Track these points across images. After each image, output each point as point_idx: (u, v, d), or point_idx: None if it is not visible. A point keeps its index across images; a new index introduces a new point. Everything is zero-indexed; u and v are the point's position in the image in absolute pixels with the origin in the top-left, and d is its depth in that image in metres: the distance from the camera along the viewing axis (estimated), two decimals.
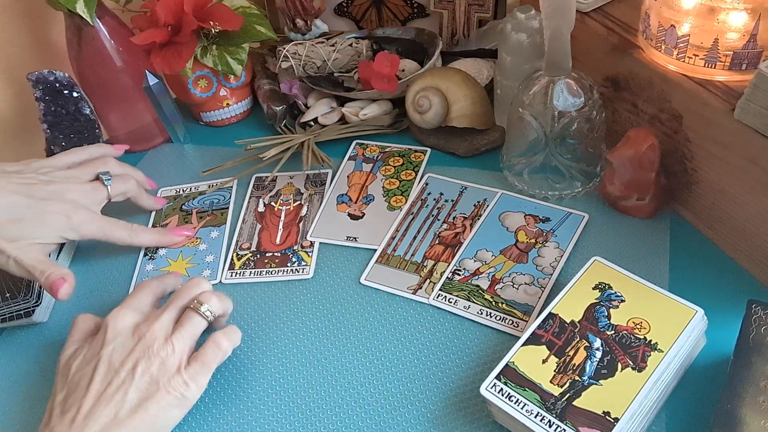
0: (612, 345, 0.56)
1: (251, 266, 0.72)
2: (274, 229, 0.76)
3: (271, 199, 0.79)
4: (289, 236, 0.75)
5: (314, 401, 0.61)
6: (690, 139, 0.67)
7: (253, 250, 0.74)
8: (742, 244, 0.66)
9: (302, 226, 0.76)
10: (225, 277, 0.72)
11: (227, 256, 0.74)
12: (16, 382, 0.66)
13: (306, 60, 0.91)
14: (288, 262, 0.72)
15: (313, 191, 0.79)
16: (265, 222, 0.76)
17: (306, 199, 0.79)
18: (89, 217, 0.70)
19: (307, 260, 0.72)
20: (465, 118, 0.82)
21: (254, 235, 0.75)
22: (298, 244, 0.74)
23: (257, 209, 0.78)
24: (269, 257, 0.73)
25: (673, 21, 0.64)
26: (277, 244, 0.74)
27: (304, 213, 0.77)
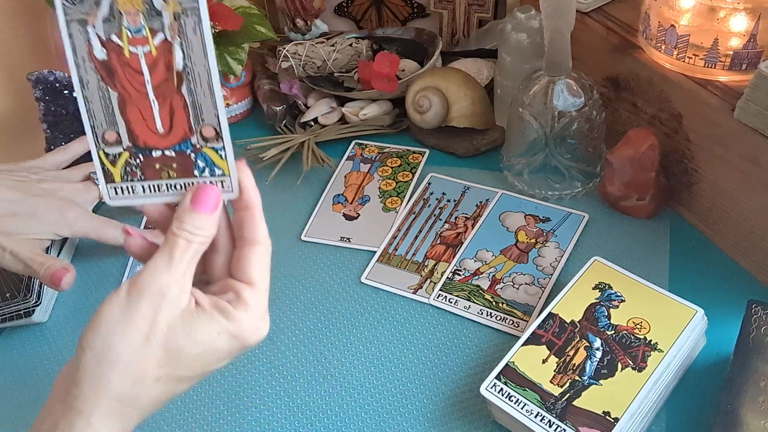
0: (612, 345, 0.56)
1: (139, 176, 0.45)
2: (142, 99, 0.43)
3: (108, 26, 0.42)
4: (176, 116, 0.44)
5: (314, 401, 0.61)
6: (690, 139, 0.67)
7: (127, 145, 0.44)
8: (742, 244, 0.66)
9: (187, 93, 0.43)
10: (109, 195, 0.46)
11: (95, 160, 0.45)
12: (16, 382, 0.66)
13: (306, 60, 0.91)
14: (193, 168, 0.45)
15: (178, 4, 0.42)
16: (119, 82, 0.43)
17: (172, 25, 0.42)
18: (82, 215, 0.70)
19: (222, 165, 0.45)
20: (465, 118, 0.82)
21: (113, 113, 0.44)
22: (195, 132, 0.44)
23: (92, 51, 0.42)
24: (159, 159, 0.45)
25: (673, 21, 0.64)
26: (161, 133, 0.44)
27: (179, 61, 0.42)
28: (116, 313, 0.42)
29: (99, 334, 0.42)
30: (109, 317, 0.42)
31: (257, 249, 0.45)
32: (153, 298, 0.42)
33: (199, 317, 0.43)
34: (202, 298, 0.44)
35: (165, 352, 0.42)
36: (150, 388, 0.42)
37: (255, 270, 0.45)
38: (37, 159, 0.74)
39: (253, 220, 0.45)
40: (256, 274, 0.45)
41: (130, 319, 0.41)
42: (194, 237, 0.43)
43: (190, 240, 0.43)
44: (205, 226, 0.44)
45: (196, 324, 0.43)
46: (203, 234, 0.43)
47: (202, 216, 0.43)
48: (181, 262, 0.43)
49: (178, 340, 0.42)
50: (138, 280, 0.42)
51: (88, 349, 0.42)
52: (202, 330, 0.43)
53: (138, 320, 0.41)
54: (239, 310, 0.44)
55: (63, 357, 0.67)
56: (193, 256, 0.43)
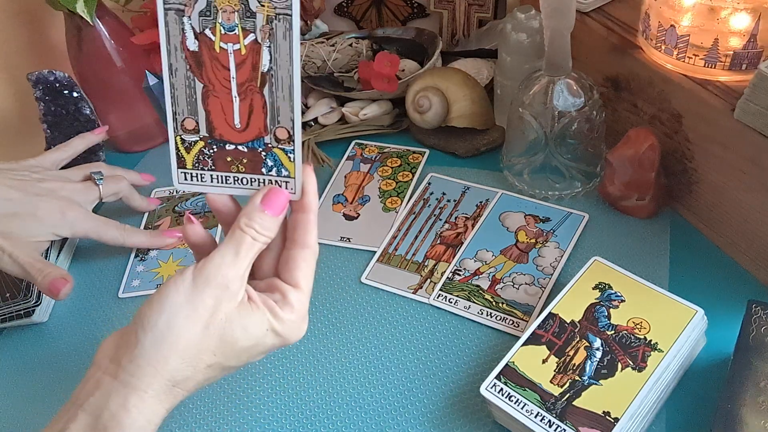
0: (612, 345, 0.56)
1: (209, 165, 0.47)
2: (225, 94, 0.45)
3: (203, 20, 0.44)
4: (254, 114, 0.45)
5: (314, 401, 0.61)
6: (690, 139, 0.67)
7: (203, 134, 0.46)
8: (742, 244, 0.66)
9: (268, 94, 0.45)
10: (178, 179, 0.48)
11: (171, 144, 0.47)
12: (16, 381, 0.66)
13: (306, 60, 0.91)
14: (261, 166, 0.46)
15: (272, 9, 0.43)
16: (206, 74, 0.45)
17: (263, 28, 0.43)
18: (83, 215, 0.70)
19: (289, 167, 0.46)
20: (465, 118, 0.82)
21: (196, 102, 0.45)
22: (270, 132, 0.45)
23: (185, 41, 0.44)
24: (232, 152, 0.46)
25: (673, 21, 0.64)
26: (237, 128, 0.46)
27: (266, 63, 0.44)
28: (181, 297, 0.43)
29: (162, 315, 0.43)
30: (174, 300, 0.43)
31: (306, 253, 0.47)
32: (217, 289, 0.44)
33: (253, 312, 0.45)
34: (254, 295, 0.46)
35: (220, 342, 0.44)
36: (200, 372, 0.44)
37: (302, 274, 0.47)
38: (37, 157, 0.74)
39: (308, 224, 0.47)
40: (303, 278, 0.47)
41: (194, 306, 0.43)
42: (259, 236, 0.45)
43: (256, 238, 0.45)
44: (271, 227, 0.46)
45: (250, 318, 0.45)
46: (268, 234, 0.46)
47: (269, 217, 0.46)
48: (246, 258, 0.45)
49: (234, 332, 0.44)
50: (204, 269, 0.44)
51: (149, 328, 0.43)
52: (254, 324, 0.45)
53: (200, 308, 0.43)
54: (285, 310, 0.46)
55: (63, 357, 0.68)
56: (256, 253, 0.46)
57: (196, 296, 0.44)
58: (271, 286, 0.47)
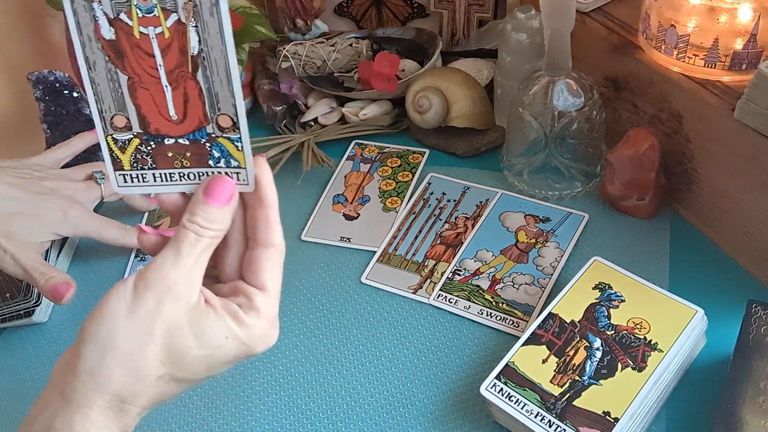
0: (612, 345, 0.56)
1: (150, 164, 0.43)
2: (154, 84, 0.40)
3: (116, 4, 0.38)
4: (190, 103, 0.41)
5: (314, 401, 0.61)
6: (690, 139, 0.67)
7: (137, 131, 0.42)
8: (742, 244, 0.66)
9: (203, 80, 0.40)
10: (117, 183, 0.43)
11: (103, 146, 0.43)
12: (16, 382, 0.66)
13: (306, 60, 0.91)
14: (208, 159, 0.42)
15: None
16: (129, 65, 0.40)
17: (186, 5, 0.38)
18: (84, 214, 0.70)
19: (239, 157, 0.42)
20: (465, 118, 0.82)
21: (123, 96, 0.41)
22: (211, 121, 0.41)
23: (98, 29, 0.39)
24: (172, 147, 0.42)
25: (673, 21, 0.64)
26: (174, 120, 0.41)
27: (194, 45, 0.39)
28: (121, 305, 0.40)
29: (102, 325, 0.40)
30: (114, 309, 0.40)
31: (270, 252, 0.43)
32: (158, 293, 0.40)
33: (208, 317, 0.41)
34: (212, 299, 0.42)
35: (168, 350, 0.40)
36: (150, 386, 0.41)
37: (267, 274, 0.43)
38: (39, 156, 0.74)
39: (268, 220, 0.43)
40: (269, 279, 0.43)
41: (135, 314, 0.40)
42: (205, 231, 0.41)
43: (200, 234, 0.41)
44: (217, 219, 0.42)
45: (204, 324, 0.41)
46: (215, 227, 0.42)
47: (214, 208, 0.42)
48: (189, 256, 0.41)
49: (184, 340, 0.41)
50: (145, 273, 0.41)
51: (90, 340, 0.40)
52: (210, 331, 0.41)
53: (142, 315, 0.40)
54: (250, 315, 0.42)
55: None
56: (203, 250, 0.41)
57: (137, 302, 0.40)
58: (235, 289, 0.43)
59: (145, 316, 0.40)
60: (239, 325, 0.42)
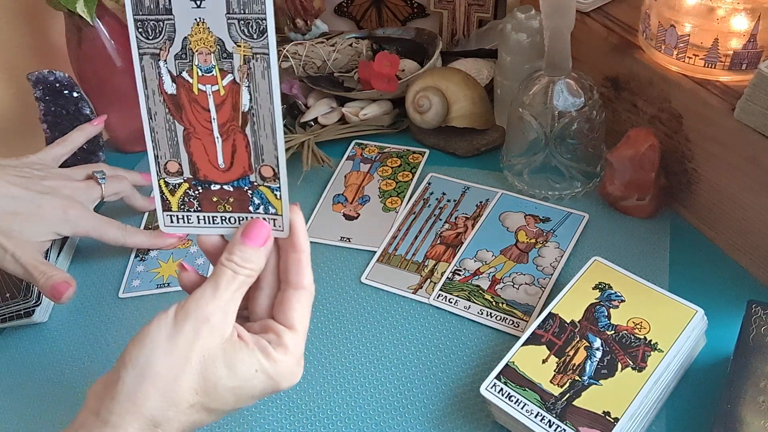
0: (612, 345, 0.56)
1: (195, 207, 0.47)
2: (206, 135, 0.44)
3: (180, 63, 0.43)
4: (237, 153, 0.45)
5: (314, 401, 0.61)
6: (690, 139, 0.67)
7: (187, 176, 0.46)
8: (742, 244, 0.66)
9: (250, 133, 0.44)
10: (164, 222, 0.47)
11: (155, 188, 0.47)
12: (17, 381, 0.66)
13: (306, 60, 0.91)
14: (249, 205, 0.46)
15: (249, 49, 0.42)
16: (186, 117, 0.44)
17: (241, 68, 0.42)
18: (85, 214, 0.70)
19: (276, 205, 0.46)
20: (465, 118, 0.82)
21: (178, 145, 0.45)
22: (255, 171, 0.45)
23: (162, 85, 0.44)
24: (217, 192, 0.46)
25: (673, 21, 0.64)
26: (221, 168, 0.45)
27: (246, 103, 0.43)
28: (162, 333, 0.42)
29: (143, 350, 0.42)
30: (155, 336, 0.42)
31: (301, 294, 0.46)
32: (196, 322, 0.43)
33: (240, 350, 0.44)
34: (244, 334, 0.45)
35: (202, 380, 0.43)
36: (183, 413, 0.43)
37: (297, 315, 0.46)
38: (38, 153, 0.74)
39: (300, 264, 0.46)
40: (298, 319, 0.46)
41: (174, 342, 0.42)
42: (241, 269, 0.44)
43: (236, 271, 0.44)
44: (253, 259, 0.45)
45: (236, 356, 0.43)
46: (250, 267, 0.45)
47: (250, 249, 0.45)
48: (226, 291, 0.44)
49: (217, 370, 0.43)
50: (185, 304, 0.43)
51: (130, 365, 0.42)
52: (241, 364, 0.43)
53: (180, 343, 0.42)
54: (279, 352, 0.44)
55: (63, 357, 0.68)
56: (238, 287, 0.44)
57: (177, 331, 0.43)
58: (266, 327, 0.46)
59: (183, 344, 0.42)
60: (268, 360, 0.44)
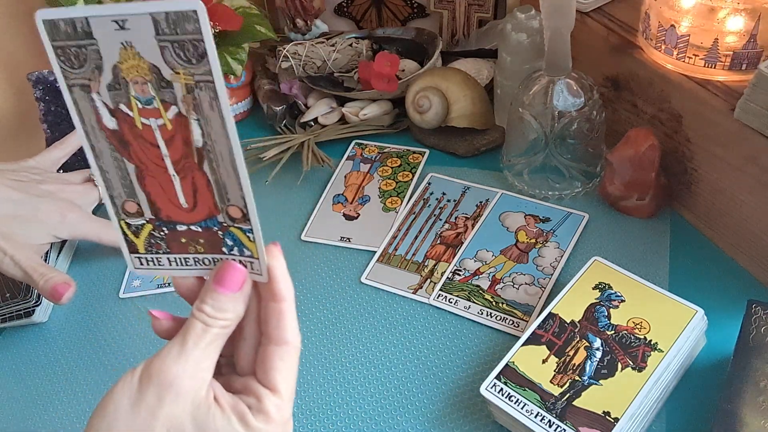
0: (612, 345, 0.56)
1: (164, 248, 0.42)
2: (161, 174, 0.39)
3: (115, 94, 0.37)
4: (199, 193, 0.40)
5: (314, 401, 0.61)
6: (690, 139, 0.67)
7: (149, 216, 0.41)
8: (742, 244, 0.66)
9: (209, 171, 0.38)
10: (134, 265, 0.43)
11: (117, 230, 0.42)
12: (17, 381, 0.66)
13: (306, 60, 0.91)
14: (221, 245, 0.41)
15: (190, 76, 0.36)
16: (135, 154, 0.39)
17: (185, 98, 0.36)
18: (83, 217, 0.70)
19: (251, 247, 0.40)
20: (465, 118, 0.82)
21: (132, 184, 0.40)
22: (222, 211, 0.40)
23: (100, 119, 0.38)
24: (185, 233, 0.41)
25: (673, 21, 0.64)
26: (185, 208, 0.40)
27: (198, 138, 0.37)
28: (125, 400, 0.38)
29: (105, 419, 0.38)
30: (117, 403, 0.38)
31: (283, 350, 0.40)
32: (160, 388, 0.37)
33: (214, 418, 0.38)
34: (221, 396, 0.39)
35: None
36: None
37: (280, 376, 0.40)
38: (36, 157, 0.74)
39: (281, 316, 0.40)
40: (281, 380, 0.40)
41: (137, 410, 0.37)
42: (213, 321, 0.39)
43: (208, 323, 0.39)
44: (228, 308, 0.39)
45: (208, 424, 0.38)
46: (224, 317, 0.39)
47: (224, 296, 0.39)
48: (195, 349, 0.38)
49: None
50: (151, 364, 0.38)
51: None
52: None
53: (143, 412, 0.37)
54: (259, 420, 0.39)
55: (63, 357, 0.68)
56: (211, 342, 0.39)
57: (140, 398, 0.37)
58: (247, 387, 0.40)
59: (146, 413, 0.37)
60: (246, 430, 0.39)
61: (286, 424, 0.40)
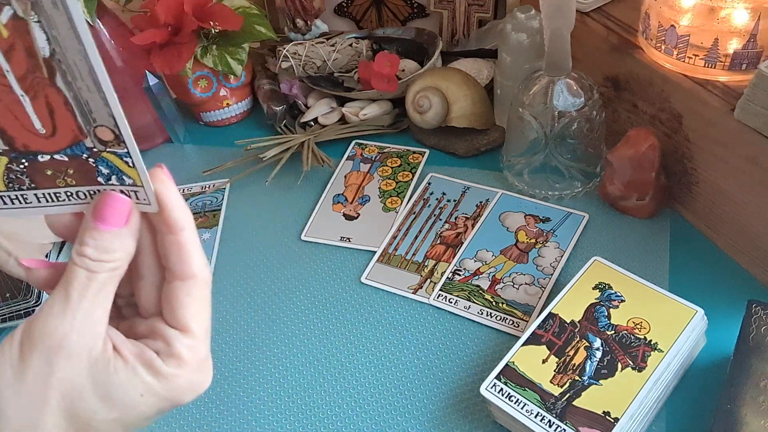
0: (612, 345, 0.56)
1: (28, 184, 0.35)
2: (6, 93, 0.32)
3: None
4: (56, 114, 0.33)
5: (314, 401, 0.61)
6: (690, 139, 0.67)
7: (2, 148, 0.34)
8: (742, 244, 0.66)
9: (65, 86, 0.32)
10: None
11: None
12: None
13: (306, 60, 0.91)
14: (96, 175, 0.34)
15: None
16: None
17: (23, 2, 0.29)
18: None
19: (132, 174, 0.34)
20: (465, 118, 0.82)
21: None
22: (89, 134, 0.34)
23: None
24: (49, 164, 0.35)
25: (673, 21, 0.64)
26: (42, 134, 0.34)
27: (43, 46, 0.30)
28: (8, 372, 0.32)
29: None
30: (1, 376, 0.32)
31: (190, 285, 0.35)
32: (46, 352, 0.32)
33: (116, 373, 0.33)
34: (123, 346, 0.34)
35: (70, 417, 0.33)
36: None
37: (189, 312, 0.35)
38: None
39: (182, 248, 0.34)
40: (191, 318, 0.35)
41: (23, 380, 0.32)
42: (98, 264, 0.33)
43: (92, 269, 0.33)
44: (113, 247, 0.33)
45: (111, 382, 0.33)
46: (111, 258, 0.33)
47: (107, 234, 0.33)
48: (81, 301, 0.33)
49: (87, 404, 0.33)
50: (30, 327, 0.32)
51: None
52: (119, 390, 0.33)
53: (30, 381, 0.32)
54: (170, 365, 0.34)
55: None
56: (99, 289, 0.33)
57: (24, 366, 0.32)
58: (153, 330, 0.35)
59: (35, 383, 0.32)
60: (156, 378, 0.34)
61: (203, 364, 0.36)
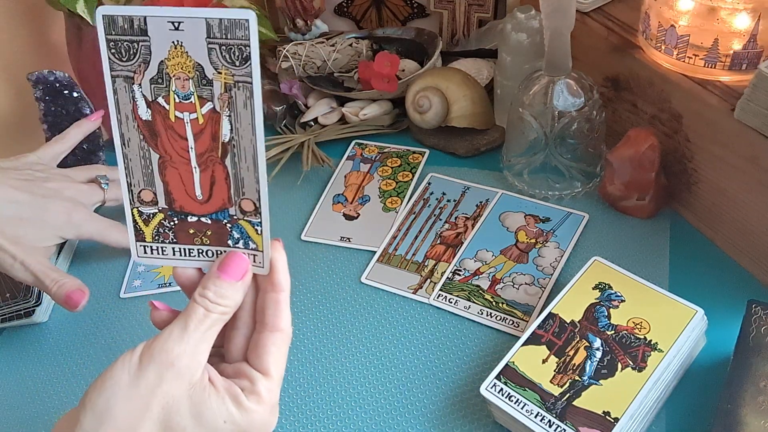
0: (612, 345, 0.56)
1: (171, 238, 0.44)
2: (183, 165, 0.42)
3: (155, 88, 0.41)
4: (216, 185, 0.42)
5: (314, 401, 0.61)
6: (690, 139, 0.67)
7: (162, 206, 0.44)
8: (742, 244, 0.66)
9: (231, 165, 0.42)
10: (137, 253, 0.45)
11: (128, 217, 0.45)
12: (17, 381, 0.66)
13: (306, 60, 0.91)
14: (227, 238, 0.43)
15: (231, 77, 0.40)
16: (161, 145, 0.42)
17: (222, 96, 0.40)
18: (89, 217, 0.69)
19: (257, 240, 0.43)
20: (465, 118, 0.82)
21: (152, 173, 0.43)
22: (235, 204, 0.43)
23: (136, 110, 0.41)
24: (194, 224, 0.44)
25: (673, 21, 0.64)
26: (199, 199, 0.43)
27: (226, 133, 0.41)
28: (124, 376, 0.39)
29: (103, 394, 0.39)
30: (116, 379, 0.40)
31: (277, 337, 0.43)
32: (160, 367, 0.39)
33: (209, 398, 0.40)
34: (216, 378, 0.41)
35: (164, 428, 0.39)
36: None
37: (272, 359, 0.42)
38: (37, 152, 0.73)
39: (278, 305, 0.43)
40: (273, 365, 0.43)
41: (135, 386, 0.39)
42: (214, 306, 0.41)
43: (209, 309, 0.41)
44: (228, 295, 0.42)
45: (204, 405, 0.40)
46: (225, 303, 0.42)
47: (226, 283, 0.42)
48: (195, 332, 0.40)
49: (181, 420, 0.40)
50: (151, 345, 0.40)
51: (89, 408, 0.39)
52: (209, 413, 0.40)
53: (142, 388, 0.39)
54: (251, 400, 0.41)
55: (63, 357, 0.68)
56: (210, 326, 0.41)
57: (139, 375, 0.39)
58: (239, 372, 0.42)
59: (145, 390, 0.39)
60: (239, 410, 0.41)
61: (274, 408, 0.43)
